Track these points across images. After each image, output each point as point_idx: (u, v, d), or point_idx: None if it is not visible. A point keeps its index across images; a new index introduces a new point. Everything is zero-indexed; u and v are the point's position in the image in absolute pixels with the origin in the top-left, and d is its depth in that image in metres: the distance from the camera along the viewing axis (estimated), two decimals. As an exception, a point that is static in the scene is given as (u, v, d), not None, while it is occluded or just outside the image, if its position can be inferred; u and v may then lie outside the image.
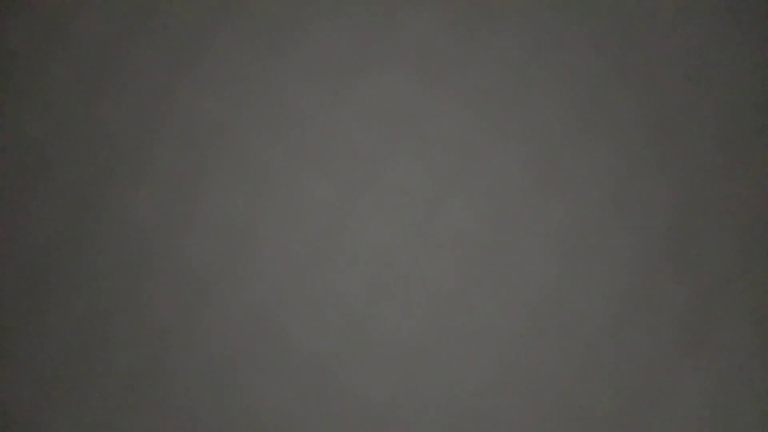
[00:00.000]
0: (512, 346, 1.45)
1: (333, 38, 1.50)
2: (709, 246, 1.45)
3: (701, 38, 1.47)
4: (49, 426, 1.50)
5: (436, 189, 1.47)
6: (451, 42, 1.49)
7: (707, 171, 1.46)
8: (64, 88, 1.53)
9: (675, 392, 1.44)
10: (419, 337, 1.46)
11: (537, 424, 1.45)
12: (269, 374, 1.47)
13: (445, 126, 1.48)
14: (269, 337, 1.48)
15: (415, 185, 1.48)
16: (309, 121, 1.50)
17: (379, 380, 1.46)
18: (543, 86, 1.48)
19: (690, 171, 1.46)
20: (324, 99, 1.50)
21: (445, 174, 1.47)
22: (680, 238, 1.45)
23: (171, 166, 1.51)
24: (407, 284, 1.47)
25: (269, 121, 1.50)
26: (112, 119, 1.52)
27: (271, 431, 1.47)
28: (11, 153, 1.53)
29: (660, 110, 1.47)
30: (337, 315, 1.47)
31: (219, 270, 1.49)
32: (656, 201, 1.46)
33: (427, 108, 1.48)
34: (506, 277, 1.46)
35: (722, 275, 1.45)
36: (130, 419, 1.49)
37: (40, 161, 1.53)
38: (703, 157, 1.46)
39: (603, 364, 1.44)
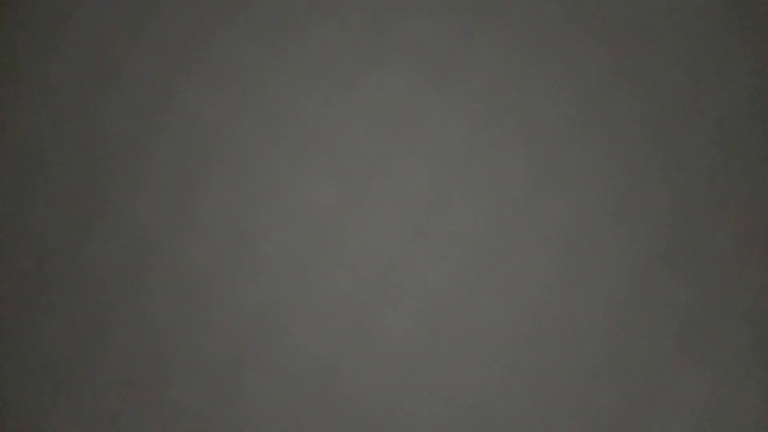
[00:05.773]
0: (512, 346, 1.45)
1: (333, 38, 1.50)
2: (708, 246, 1.45)
3: (701, 38, 1.47)
4: (49, 426, 1.50)
5: (437, 189, 1.47)
6: (451, 42, 1.49)
7: (707, 171, 1.46)
8: (64, 88, 1.53)
9: (675, 392, 1.44)
10: (420, 336, 1.46)
11: (537, 424, 1.45)
12: (270, 374, 1.47)
13: (445, 126, 1.48)
14: (270, 337, 1.48)
15: (415, 185, 1.48)
16: (309, 121, 1.50)
17: (380, 380, 1.46)
18: (543, 87, 1.48)
19: (690, 172, 1.46)
20: (324, 99, 1.50)
21: (446, 174, 1.47)
22: (680, 238, 1.45)
23: (171, 166, 1.51)
24: (408, 284, 1.47)
25: (269, 121, 1.50)
26: (112, 119, 1.52)
27: (272, 431, 1.47)
28: (11, 153, 1.53)
29: (660, 111, 1.47)
30: (338, 315, 1.47)
31: (220, 270, 1.49)
32: (656, 201, 1.46)
33: (428, 108, 1.48)
34: (507, 278, 1.46)
35: (722, 275, 1.45)
36: (130, 419, 1.49)
37: (40, 161, 1.53)
38: (703, 158, 1.46)
39: (603, 364, 1.44)
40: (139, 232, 1.50)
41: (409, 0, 1.50)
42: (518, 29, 1.49)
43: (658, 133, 1.47)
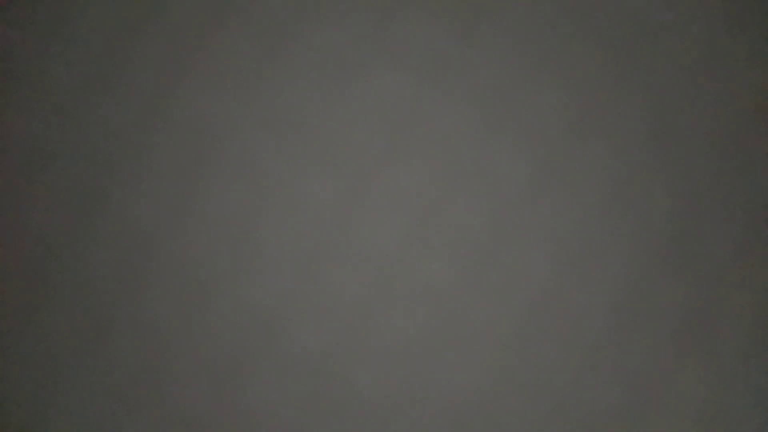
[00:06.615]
0: (512, 345, 1.45)
1: (333, 38, 1.50)
2: (708, 246, 1.46)
3: (701, 38, 1.48)
4: (49, 426, 1.50)
5: (437, 189, 1.47)
6: (451, 42, 1.49)
7: (707, 171, 1.46)
8: (64, 88, 1.53)
9: (675, 392, 1.44)
10: (420, 336, 1.46)
11: (536, 424, 1.45)
12: (270, 373, 1.47)
13: (445, 126, 1.48)
14: (270, 336, 1.48)
15: (415, 185, 1.48)
16: (309, 121, 1.50)
17: (380, 379, 1.46)
18: (543, 86, 1.48)
19: (689, 171, 1.47)
20: (324, 99, 1.50)
21: (445, 174, 1.48)
22: (679, 238, 1.46)
23: (171, 166, 1.51)
24: (408, 284, 1.47)
25: (269, 121, 1.50)
26: (112, 119, 1.52)
27: (272, 431, 1.47)
28: (12, 152, 1.53)
29: (660, 110, 1.47)
30: (338, 315, 1.47)
31: (220, 270, 1.49)
32: (656, 201, 1.46)
33: (428, 108, 1.49)
34: (506, 277, 1.46)
35: (722, 275, 1.45)
36: (130, 419, 1.49)
37: (40, 161, 1.53)
38: (702, 157, 1.46)
39: (603, 364, 1.44)
40: (139, 232, 1.50)
41: (410, 0, 1.51)
42: (518, 29, 1.49)
43: (657, 133, 1.47)
